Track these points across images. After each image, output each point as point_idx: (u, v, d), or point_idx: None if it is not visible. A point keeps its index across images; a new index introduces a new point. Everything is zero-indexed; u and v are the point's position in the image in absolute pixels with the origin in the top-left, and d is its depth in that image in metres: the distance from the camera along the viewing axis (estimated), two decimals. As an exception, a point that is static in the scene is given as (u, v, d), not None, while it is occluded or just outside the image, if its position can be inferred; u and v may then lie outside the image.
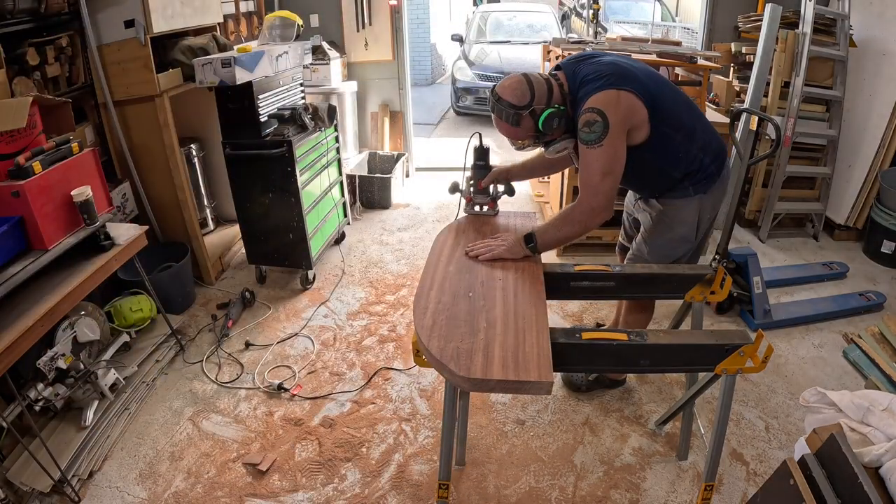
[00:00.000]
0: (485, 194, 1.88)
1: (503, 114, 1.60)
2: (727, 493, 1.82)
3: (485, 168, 1.85)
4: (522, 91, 1.59)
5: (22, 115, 1.75)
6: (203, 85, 2.53)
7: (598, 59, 1.66)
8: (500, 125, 1.65)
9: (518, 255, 1.60)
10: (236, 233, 3.35)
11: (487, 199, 1.88)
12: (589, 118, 1.54)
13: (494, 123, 1.65)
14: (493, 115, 1.63)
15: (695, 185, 1.74)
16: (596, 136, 1.54)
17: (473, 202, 1.90)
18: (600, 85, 1.56)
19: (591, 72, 1.60)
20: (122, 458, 1.98)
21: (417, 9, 9.13)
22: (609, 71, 1.59)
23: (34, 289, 1.78)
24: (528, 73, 1.64)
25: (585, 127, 1.55)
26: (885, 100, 3.21)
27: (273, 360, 2.47)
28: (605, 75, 1.57)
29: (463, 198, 1.91)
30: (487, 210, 1.90)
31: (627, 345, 1.30)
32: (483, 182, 1.86)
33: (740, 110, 2.65)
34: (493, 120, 1.64)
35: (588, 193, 1.60)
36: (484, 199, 1.88)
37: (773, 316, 2.66)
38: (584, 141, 1.56)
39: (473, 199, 1.89)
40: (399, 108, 4.63)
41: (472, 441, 2.02)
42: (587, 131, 1.54)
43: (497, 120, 1.63)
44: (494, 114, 1.62)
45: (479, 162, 1.84)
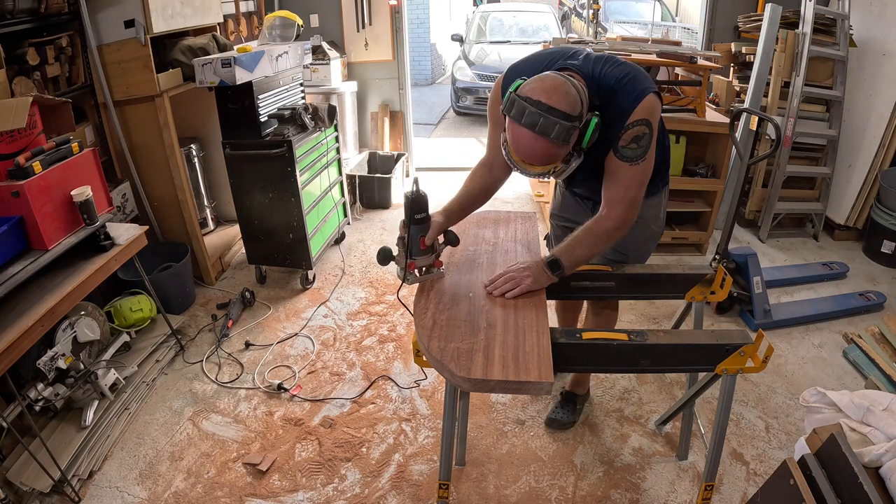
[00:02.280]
0: (429, 253, 1.46)
1: (552, 129, 1.21)
2: (727, 493, 1.82)
3: (425, 220, 1.43)
4: (573, 96, 1.25)
5: (22, 115, 1.75)
6: (203, 85, 2.53)
7: (612, 58, 1.43)
8: (536, 146, 1.25)
9: (545, 283, 1.46)
10: (236, 233, 3.35)
11: (433, 258, 1.47)
12: (638, 132, 1.33)
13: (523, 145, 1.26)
14: (526, 133, 1.23)
15: (662, 178, 1.69)
16: (642, 150, 1.35)
17: (417, 268, 1.47)
18: (642, 90, 1.35)
19: (622, 74, 1.36)
20: (122, 458, 1.98)
21: (417, 9, 9.14)
22: (635, 72, 1.39)
23: (34, 289, 1.78)
24: (555, 72, 1.34)
25: (633, 142, 1.34)
26: (885, 100, 3.21)
27: (273, 360, 2.47)
28: (637, 77, 1.37)
29: (400, 268, 1.46)
30: (435, 272, 1.50)
31: (628, 345, 1.30)
32: (428, 238, 1.43)
33: (740, 110, 2.66)
34: (524, 140, 1.25)
35: (624, 208, 1.43)
36: (429, 260, 1.47)
37: (773, 316, 2.66)
38: (628, 157, 1.35)
39: (417, 264, 1.46)
40: (399, 108, 4.63)
41: (472, 441, 2.02)
42: (634, 147, 1.34)
43: (533, 139, 1.24)
44: (532, 129, 1.22)
45: (418, 215, 1.41)
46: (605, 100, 1.36)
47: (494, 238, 1.73)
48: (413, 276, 1.47)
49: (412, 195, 1.40)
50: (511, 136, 1.29)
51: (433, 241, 1.46)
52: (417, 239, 1.43)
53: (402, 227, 1.44)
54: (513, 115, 1.24)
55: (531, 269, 1.45)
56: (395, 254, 1.46)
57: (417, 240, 1.43)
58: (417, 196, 1.40)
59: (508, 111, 1.26)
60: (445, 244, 1.50)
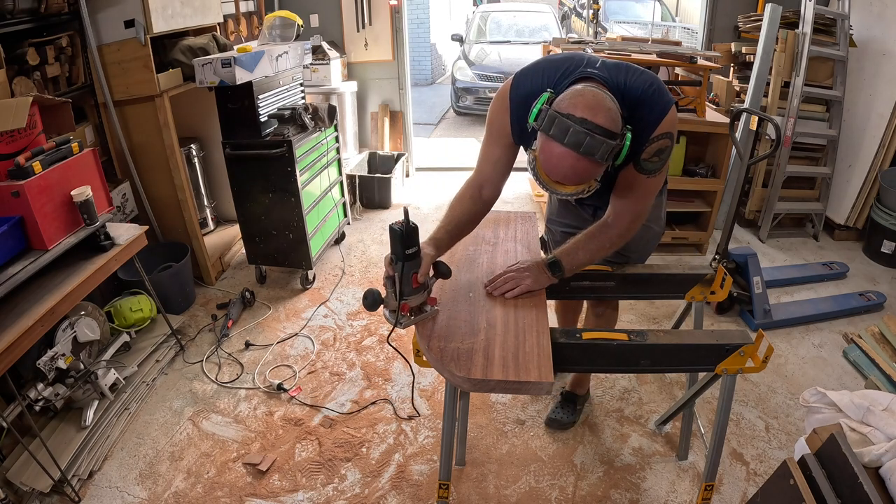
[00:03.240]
0: (421, 290, 1.30)
1: (598, 149, 1.11)
2: (727, 493, 1.82)
3: (416, 254, 1.26)
4: (615, 112, 1.17)
5: (22, 115, 1.75)
6: (203, 85, 2.53)
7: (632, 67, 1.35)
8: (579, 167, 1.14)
9: (544, 284, 1.44)
10: (236, 233, 3.35)
11: (425, 295, 1.32)
12: (662, 145, 1.29)
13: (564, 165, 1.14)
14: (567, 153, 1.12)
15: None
16: (661, 163, 1.31)
17: (412, 309, 1.31)
18: (666, 102, 1.30)
19: (646, 84, 1.30)
20: (122, 458, 1.98)
21: (417, 9, 9.13)
22: (658, 82, 1.33)
23: (34, 289, 1.78)
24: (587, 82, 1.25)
25: (656, 155, 1.30)
26: (885, 100, 3.21)
27: (273, 360, 2.47)
28: (661, 88, 1.31)
29: (390, 311, 1.30)
30: (430, 310, 1.34)
31: (628, 345, 1.30)
32: (421, 275, 1.28)
33: (740, 110, 2.66)
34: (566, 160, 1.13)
35: (632, 218, 1.42)
36: (422, 298, 1.31)
37: (773, 316, 2.66)
38: (648, 170, 1.31)
39: (410, 304, 1.29)
40: (399, 108, 4.63)
41: (472, 441, 2.02)
42: (656, 160, 1.30)
43: (575, 160, 1.13)
44: (576, 149, 1.11)
45: (409, 249, 1.24)
46: (630, 111, 1.28)
47: (494, 238, 1.73)
48: (407, 319, 1.30)
49: (402, 228, 1.22)
50: (547, 155, 1.17)
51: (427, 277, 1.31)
52: (410, 276, 1.26)
53: (389, 265, 1.27)
54: (552, 134, 1.13)
55: (531, 270, 1.44)
56: (384, 296, 1.28)
57: (410, 277, 1.26)
58: (409, 228, 1.22)
59: (546, 129, 1.14)
60: (436, 277, 1.35)
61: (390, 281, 1.28)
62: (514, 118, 1.39)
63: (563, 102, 1.16)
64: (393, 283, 1.27)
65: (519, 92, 1.37)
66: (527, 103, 1.29)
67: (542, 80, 1.35)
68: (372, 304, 1.26)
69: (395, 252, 1.25)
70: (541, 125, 1.16)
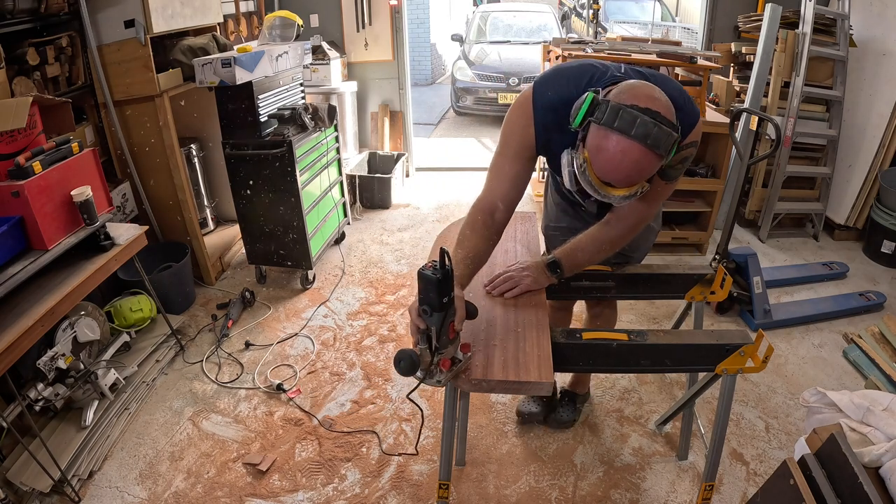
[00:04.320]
0: (456, 340, 1.13)
1: (663, 140, 1.05)
2: (727, 493, 1.82)
3: (452, 301, 1.08)
4: (669, 103, 1.12)
5: (22, 115, 1.75)
6: (203, 85, 2.53)
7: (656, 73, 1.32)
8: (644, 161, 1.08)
9: (544, 284, 1.43)
10: (236, 233, 3.35)
11: (458, 342, 1.15)
12: (688, 154, 1.24)
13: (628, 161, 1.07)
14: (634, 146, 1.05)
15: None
16: (681, 171, 1.27)
17: (453, 363, 1.13)
18: (697, 111, 1.27)
19: (677, 92, 1.24)
20: (122, 458, 1.98)
21: (417, 9, 9.13)
22: (685, 91, 1.29)
23: (34, 289, 1.78)
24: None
25: (680, 163, 1.25)
26: (885, 100, 3.21)
27: (273, 360, 2.47)
28: (690, 98, 1.27)
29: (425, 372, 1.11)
30: (465, 357, 1.16)
31: (628, 345, 1.30)
32: (458, 322, 1.12)
33: (740, 110, 2.65)
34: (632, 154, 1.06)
35: (637, 220, 1.39)
36: (457, 346, 1.15)
37: (773, 316, 2.66)
38: (670, 177, 1.26)
39: (452, 359, 1.13)
40: (399, 108, 4.63)
41: (472, 441, 2.02)
42: (679, 168, 1.25)
43: (642, 154, 1.06)
44: (644, 141, 1.04)
45: (446, 297, 1.06)
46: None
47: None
48: (445, 375, 1.11)
49: (440, 274, 1.03)
50: (606, 151, 1.08)
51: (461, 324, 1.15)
52: (447, 327, 1.09)
53: (418, 316, 1.09)
54: (618, 126, 1.05)
55: (531, 270, 1.43)
56: (419, 354, 1.09)
57: (447, 328, 1.09)
58: (445, 273, 1.04)
59: (609, 121, 1.06)
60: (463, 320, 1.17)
61: (424, 336, 1.10)
62: (539, 128, 1.31)
63: (622, 95, 1.09)
64: (428, 337, 1.10)
65: (544, 100, 1.29)
66: (556, 111, 1.25)
67: (568, 87, 1.27)
68: (409, 368, 1.07)
69: (429, 301, 1.06)
70: (601, 118, 1.07)
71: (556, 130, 1.29)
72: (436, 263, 1.05)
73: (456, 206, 4.15)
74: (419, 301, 1.08)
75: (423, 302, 1.07)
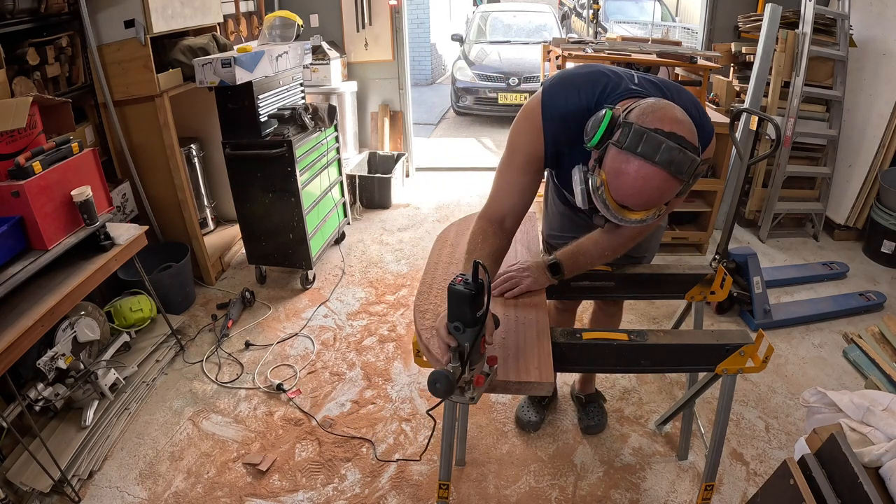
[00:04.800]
0: (484, 354, 1.10)
1: (686, 166, 1.01)
2: (727, 493, 1.82)
3: (484, 316, 1.03)
4: (692, 124, 1.07)
5: (22, 115, 1.75)
6: (203, 85, 2.53)
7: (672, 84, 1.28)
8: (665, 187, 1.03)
9: (544, 285, 1.42)
10: (236, 233, 3.35)
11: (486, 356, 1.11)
12: (701, 171, 1.15)
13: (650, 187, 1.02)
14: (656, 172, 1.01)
15: None
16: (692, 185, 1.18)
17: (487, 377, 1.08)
18: (711, 125, 1.23)
19: (693, 104, 1.21)
20: (122, 458, 1.98)
21: (417, 9, 9.13)
22: (700, 103, 1.26)
23: (34, 289, 1.78)
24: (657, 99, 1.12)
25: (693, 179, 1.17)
26: (885, 100, 3.21)
27: (273, 360, 2.47)
28: (705, 112, 1.24)
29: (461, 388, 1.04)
30: (492, 370, 1.10)
31: (628, 345, 1.30)
32: (489, 335, 1.08)
33: (740, 110, 2.65)
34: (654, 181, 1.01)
35: (643, 230, 1.37)
36: (484, 359, 1.10)
37: (773, 316, 2.66)
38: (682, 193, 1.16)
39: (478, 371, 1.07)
40: (399, 108, 4.63)
41: (472, 441, 2.02)
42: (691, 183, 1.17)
43: (664, 180, 1.02)
44: (668, 168, 1.00)
45: (479, 312, 1.02)
46: None
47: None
48: (479, 391, 1.06)
49: (473, 288, 0.99)
50: (627, 176, 1.03)
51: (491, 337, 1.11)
52: (479, 343, 1.04)
53: (448, 332, 1.04)
54: (641, 151, 1.00)
55: (531, 270, 1.43)
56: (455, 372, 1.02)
57: (479, 344, 1.05)
58: (479, 287, 0.99)
59: (632, 146, 1.00)
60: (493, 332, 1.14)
61: (457, 353, 1.04)
62: (548, 139, 1.26)
63: (645, 117, 1.03)
64: (461, 355, 1.04)
65: (553, 111, 1.24)
66: (566, 122, 1.21)
67: (578, 97, 1.22)
68: (447, 389, 0.99)
69: (461, 317, 1.00)
70: (624, 142, 1.02)
71: (565, 143, 1.25)
72: (466, 277, 1.00)
73: (456, 206, 4.15)
74: (450, 317, 1.02)
75: (454, 318, 1.02)
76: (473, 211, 2.16)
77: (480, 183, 4.64)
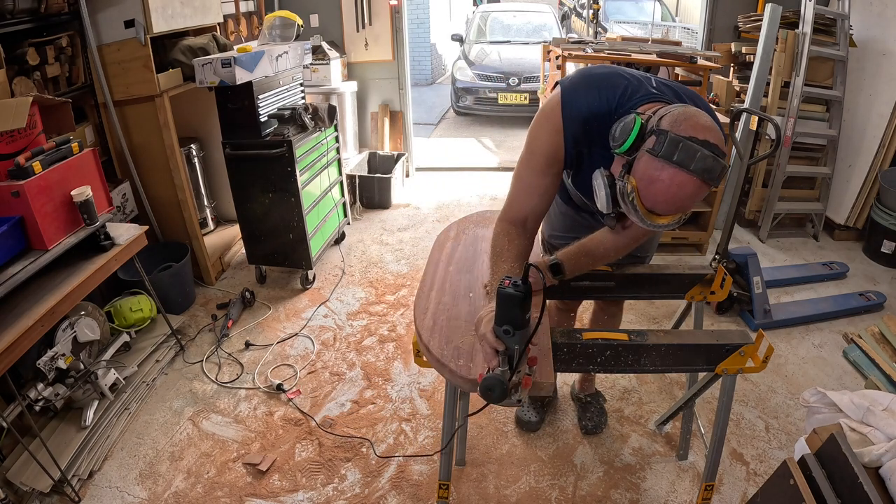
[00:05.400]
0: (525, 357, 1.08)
1: (717, 172, 1.02)
2: (727, 493, 1.82)
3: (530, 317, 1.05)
4: (719, 130, 1.07)
5: (22, 115, 1.75)
6: (203, 85, 2.53)
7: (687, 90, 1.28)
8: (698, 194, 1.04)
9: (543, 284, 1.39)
10: (236, 233, 3.35)
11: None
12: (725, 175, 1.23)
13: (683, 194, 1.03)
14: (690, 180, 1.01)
15: None
16: None
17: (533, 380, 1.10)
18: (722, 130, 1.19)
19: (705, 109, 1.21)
20: (122, 458, 1.98)
21: (417, 9, 9.13)
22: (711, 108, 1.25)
23: (34, 289, 1.78)
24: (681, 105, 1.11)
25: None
26: (885, 100, 3.21)
27: (273, 360, 2.47)
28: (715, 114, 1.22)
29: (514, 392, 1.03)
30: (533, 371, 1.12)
31: (628, 345, 1.30)
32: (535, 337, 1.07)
33: (740, 110, 2.66)
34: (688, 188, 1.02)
35: (648, 231, 1.37)
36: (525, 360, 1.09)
37: (773, 316, 2.66)
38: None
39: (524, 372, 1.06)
40: (399, 108, 4.63)
41: (472, 441, 2.02)
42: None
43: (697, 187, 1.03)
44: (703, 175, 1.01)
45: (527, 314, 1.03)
46: None
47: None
48: (525, 392, 1.05)
49: (523, 290, 0.99)
50: (660, 183, 1.03)
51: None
52: (526, 346, 1.04)
53: (494, 336, 1.04)
54: (678, 160, 1.01)
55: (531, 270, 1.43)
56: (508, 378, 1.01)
57: (526, 347, 1.04)
58: (528, 290, 1.00)
59: (668, 154, 1.01)
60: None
61: (506, 357, 1.04)
62: (569, 142, 1.25)
63: (679, 125, 1.03)
64: (510, 358, 1.04)
65: (574, 113, 1.23)
66: (586, 124, 1.21)
67: (600, 98, 1.22)
68: (502, 394, 0.99)
69: (513, 321, 1.01)
70: (660, 151, 1.02)
71: (585, 144, 1.25)
72: (515, 280, 1.00)
73: (456, 206, 4.15)
74: (499, 321, 1.02)
75: (504, 321, 1.02)
76: (473, 211, 2.17)
77: (480, 183, 4.64)
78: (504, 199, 1.39)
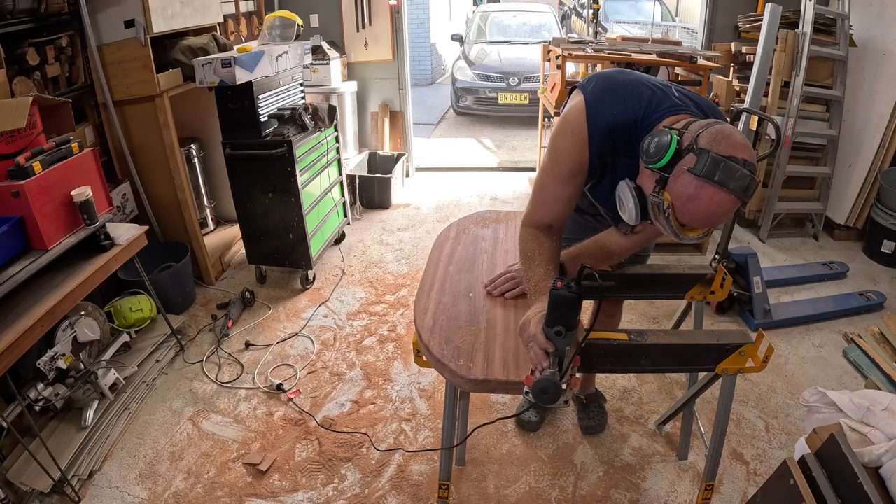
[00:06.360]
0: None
1: (752, 191, 1.04)
2: (727, 493, 1.82)
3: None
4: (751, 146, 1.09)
5: (22, 115, 1.75)
6: (203, 85, 2.53)
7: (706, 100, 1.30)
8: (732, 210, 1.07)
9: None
10: (236, 233, 3.35)
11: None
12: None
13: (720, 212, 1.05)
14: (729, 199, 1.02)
15: None
16: None
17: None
18: None
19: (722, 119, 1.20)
20: (122, 458, 1.98)
21: (417, 9, 9.13)
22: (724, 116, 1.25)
23: (34, 289, 1.78)
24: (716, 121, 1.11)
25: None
26: (885, 100, 3.21)
27: (273, 360, 2.47)
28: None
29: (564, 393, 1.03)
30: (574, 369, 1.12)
31: (628, 345, 1.30)
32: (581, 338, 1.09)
33: (740, 110, 2.65)
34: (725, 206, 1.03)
35: (649, 236, 1.39)
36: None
37: (773, 316, 2.66)
38: None
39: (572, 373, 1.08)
40: (399, 108, 4.63)
41: (472, 441, 2.02)
42: None
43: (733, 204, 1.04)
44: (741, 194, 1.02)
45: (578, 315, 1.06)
46: None
47: (494, 238, 1.73)
48: (571, 393, 1.06)
49: (577, 291, 1.00)
50: (698, 200, 1.04)
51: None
52: (579, 347, 1.07)
53: (547, 339, 1.04)
54: (719, 179, 1.01)
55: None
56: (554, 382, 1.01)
57: (578, 348, 1.07)
58: (581, 291, 1.01)
59: (710, 174, 1.01)
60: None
61: (557, 358, 1.04)
62: (594, 152, 1.24)
63: (718, 144, 1.03)
64: (561, 360, 1.04)
65: (599, 123, 1.22)
66: (612, 134, 1.21)
67: (625, 108, 1.21)
68: (556, 395, 1.00)
69: (566, 322, 1.02)
70: (701, 170, 1.02)
71: (609, 154, 1.24)
72: (568, 281, 1.00)
73: (456, 206, 4.15)
74: (550, 322, 1.03)
75: (556, 323, 1.03)
76: (474, 211, 2.17)
77: (480, 183, 4.64)
78: (504, 199, 1.41)
